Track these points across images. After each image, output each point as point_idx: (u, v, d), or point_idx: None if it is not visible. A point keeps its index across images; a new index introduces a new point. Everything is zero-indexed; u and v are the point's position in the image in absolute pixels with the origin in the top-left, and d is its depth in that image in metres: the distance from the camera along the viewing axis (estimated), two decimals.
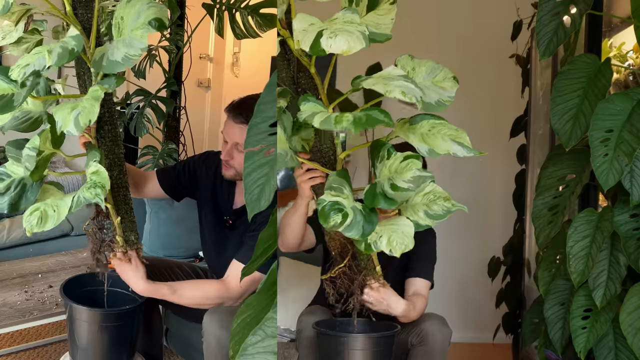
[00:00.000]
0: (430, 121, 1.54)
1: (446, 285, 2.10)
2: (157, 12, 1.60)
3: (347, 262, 1.72)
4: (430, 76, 1.56)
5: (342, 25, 1.40)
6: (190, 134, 3.54)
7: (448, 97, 1.56)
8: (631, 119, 1.71)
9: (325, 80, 1.60)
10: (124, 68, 1.63)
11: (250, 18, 3.03)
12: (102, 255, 1.92)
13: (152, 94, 3.25)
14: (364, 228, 1.52)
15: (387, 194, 1.51)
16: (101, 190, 1.62)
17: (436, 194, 1.58)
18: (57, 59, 1.59)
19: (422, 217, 1.59)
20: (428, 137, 1.52)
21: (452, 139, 1.51)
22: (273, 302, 1.20)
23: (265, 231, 1.32)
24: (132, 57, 1.61)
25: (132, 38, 1.61)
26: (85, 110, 1.58)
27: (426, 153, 1.52)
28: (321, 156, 1.72)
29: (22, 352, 2.51)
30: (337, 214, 1.50)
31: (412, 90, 1.41)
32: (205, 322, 1.90)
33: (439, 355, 1.92)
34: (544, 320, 2.02)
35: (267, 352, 1.17)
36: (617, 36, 2.23)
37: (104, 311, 1.94)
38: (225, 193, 2.18)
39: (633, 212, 1.79)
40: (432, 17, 3.61)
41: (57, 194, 1.75)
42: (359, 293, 1.74)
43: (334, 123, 1.39)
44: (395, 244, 1.54)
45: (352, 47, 1.36)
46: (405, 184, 1.49)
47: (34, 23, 1.80)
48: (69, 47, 1.62)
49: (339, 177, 1.58)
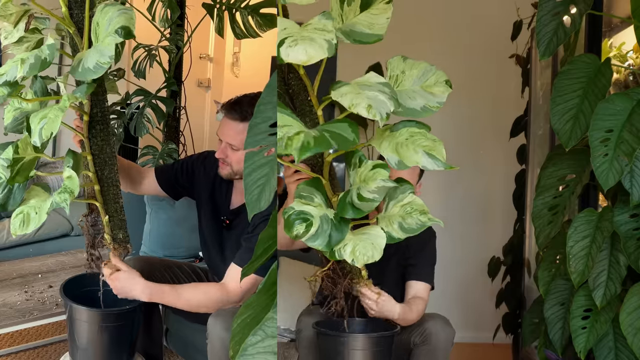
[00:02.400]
0: (410, 129, 1.49)
1: (446, 285, 2.11)
2: (125, 19, 1.61)
3: (330, 265, 1.71)
4: (421, 80, 1.52)
5: (309, 33, 1.35)
6: (190, 134, 3.54)
7: (437, 102, 1.50)
8: (631, 119, 1.71)
9: (315, 82, 1.56)
10: (96, 75, 1.63)
11: (250, 18, 3.03)
12: (96, 250, 1.95)
13: (152, 94, 3.24)
14: (331, 237, 1.48)
15: (354, 204, 1.48)
16: (69, 195, 1.66)
17: (413, 207, 1.53)
18: (29, 70, 1.61)
19: (396, 229, 1.54)
20: (401, 147, 1.46)
21: (425, 151, 1.44)
22: (273, 302, 1.20)
23: (265, 231, 1.32)
24: (102, 64, 1.61)
25: (103, 46, 1.62)
26: (50, 121, 1.60)
27: (395, 165, 1.46)
28: (308, 159, 1.71)
29: (22, 352, 2.51)
30: (301, 224, 1.47)
31: (380, 104, 1.36)
32: (210, 324, 1.90)
33: (442, 354, 1.92)
34: (544, 320, 2.02)
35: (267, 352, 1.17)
36: (617, 36, 2.23)
37: (104, 311, 1.93)
38: (223, 193, 2.18)
39: (633, 212, 1.79)
40: (432, 17, 3.61)
41: (42, 195, 1.79)
42: (342, 297, 1.73)
43: (285, 146, 1.33)
44: (359, 254, 1.49)
45: (312, 56, 1.31)
46: (370, 194, 1.45)
47: (36, 21, 1.80)
48: (42, 56, 1.63)
49: (308, 185, 1.54)
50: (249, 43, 4.04)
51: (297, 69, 1.58)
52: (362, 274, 1.72)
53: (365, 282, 1.73)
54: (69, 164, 1.73)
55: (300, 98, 1.67)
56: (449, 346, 1.94)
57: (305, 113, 1.65)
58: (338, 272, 1.72)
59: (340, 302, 1.72)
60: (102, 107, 1.90)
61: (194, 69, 3.54)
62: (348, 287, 1.73)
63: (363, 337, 1.74)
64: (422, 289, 2.04)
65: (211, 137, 4.55)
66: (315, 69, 1.52)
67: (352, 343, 1.72)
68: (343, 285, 1.71)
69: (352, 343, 1.72)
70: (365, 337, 1.74)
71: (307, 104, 1.66)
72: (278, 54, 1.32)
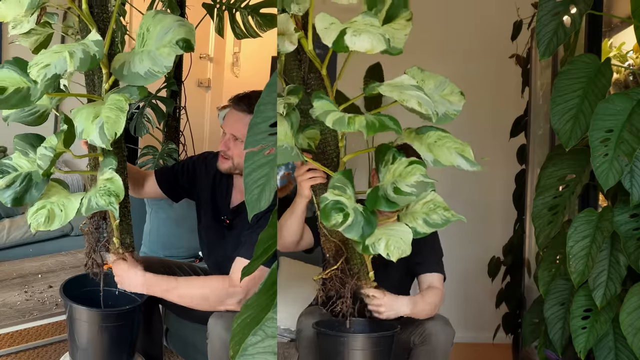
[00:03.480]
0: (437, 133, 1.57)
1: (446, 285, 2.10)
2: (186, 32, 1.56)
3: (340, 264, 1.72)
4: (438, 90, 1.59)
5: (363, 27, 1.41)
6: (190, 134, 3.54)
7: (454, 110, 1.59)
8: (631, 119, 1.71)
9: (335, 83, 1.61)
10: (146, 83, 1.57)
11: (250, 18, 3.03)
12: (98, 255, 1.92)
13: (152, 94, 3.24)
14: (364, 229, 1.53)
15: (389, 197, 1.52)
16: (115, 199, 1.60)
17: (436, 204, 1.60)
18: (80, 64, 1.51)
19: (420, 224, 1.60)
20: (434, 147, 1.55)
21: (457, 152, 1.53)
22: (273, 302, 1.20)
23: (265, 231, 1.32)
24: (156, 73, 1.56)
25: (159, 54, 1.56)
26: (111, 121, 1.52)
27: (431, 163, 1.55)
28: (324, 158, 1.72)
29: (22, 352, 2.51)
30: (338, 214, 1.52)
31: (427, 102, 1.44)
32: (211, 324, 1.90)
33: (442, 355, 1.92)
34: (544, 320, 2.02)
35: (267, 352, 1.17)
36: (617, 36, 2.23)
37: (104, 311, 1.93)
38: (223, 192, 2.18)
39: (633, 212, 1.79)
40: (432, 17, 3.61)
41: (62, 192, 1.73)
42: (349, 297, 1.73)
43: (347, 124, 1.41)
44: (393, 248, 1.55)
45: (375, 46, 1.38)
46: (409, 189, 1.50)
47: (46, 16, 1.75)
48: (91, 52, 1.54)
49: (343, 177, 1.59)
50: (249, 43, 4.04)
51: (320, 69, 1.61)
52: (370, 275, 1.73)
53: (370, 284, 1.73)
54: (111, 166, 1.67)
55: None
56: (448, 347, 1.94)
57: None
58: (346, 272, 1.73)
59: (348, 302, 1.72)
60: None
61: (194, 69, 3.54)
62: (355, 288, 1.73)
63: (363, 337, 1.74)
64: (435, 278, 2.04)
65: (211, 137, 4.55)
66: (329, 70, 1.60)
67: (352, 343, 1.72)
68: (351, 285, 1.72)
69: (352, 343, 1.72)
70: (365, 337, 1.74)
71: None
72: (340, 41, 1.38)
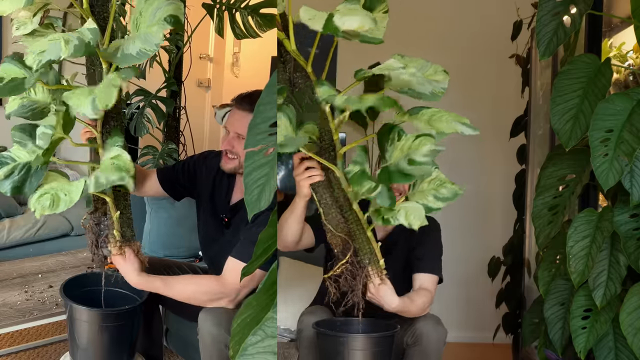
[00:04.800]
0: (430, 110, 1.59)
1: (446, 285, 2.10)
2: (174, 9, 1.60)
3: (349, 257, 1.72)
4: (421, 71, 1.61)
5: (349, 10, 1.46)
6: (190, 134, 3.55)
7: (441, 88, 1.61)
8: (631, 119, 1.71)
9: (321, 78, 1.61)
10: (138, 61, 1.62)
11: (250, 18, 3.03)
12: (100, 249, 1.93)
13: (152, 94, 3.25)
14: (390, 199, 1.60)
15: (404, 171, 1.56)
16: (126, 173, 1.64)
17: (442, 180, 1.67)
18: (73, 51, 1.55)
19: (431, 200, 1.66)
20: (433, 122, 1.57)
21: (456, 121, 1.56)
22: (273, 302, 1.20)
23: (265, 231, 1.32)
24: (147, 51, 1.60)
25: (148, 33, 1.61)
26: (102, 94, 1.54)
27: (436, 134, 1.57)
28: (321, 153, 1.73)
29: (22, 352, 2.51)
30: (368, 181, 1.59)
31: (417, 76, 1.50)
32: (201, 320, 1.90)
33: (434, 355, 1.92)
34: (544, 320, 2.02)
35: (267, 352, 1.17)
36: (617, 36, 2.23)
37: (104, 311, 1.94)
38: (224, 191, 2.18)
39: (633, 212, 1.79)
40: (432, 17, 3.61)
41: (62, 179, 1.75)
42: (361, 288, 1.73)
43: (360, 101, 1.44)
44: (413, 217, 1.62)
45: (365, 23, 1.41)
46: (424, 158, 1.54)
47: (49, 19, 1.77)
48: (86, 39, 1.59)
49: (362, 152, 1.64)
50: (249, 43, 4.04)
51: (305, 67, 1.63)
52: (380, 264, 1.73)
53: (380, 270, 1.73)
54: (118, 143, 1.71)
55: (307, 97, 1.70)
56: (440, 346, 1.94)
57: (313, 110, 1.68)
58: (356, 265, 1.73)
59: (358, 293, 1.73)
60: (117, 104, 1.83)
61: (194, 69, 3.54)
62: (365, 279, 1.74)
63: (363, 337, 1.74)
64: (428, 280, 2.03)
65: (211, 137, 4.55)
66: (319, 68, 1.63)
67: (352, 343, 1.72)
68: (362, 277, 1.72)
69: (352, 343, 1.72)
70: (365, 337, 1.74)
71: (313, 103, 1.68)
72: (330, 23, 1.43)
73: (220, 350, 1.88)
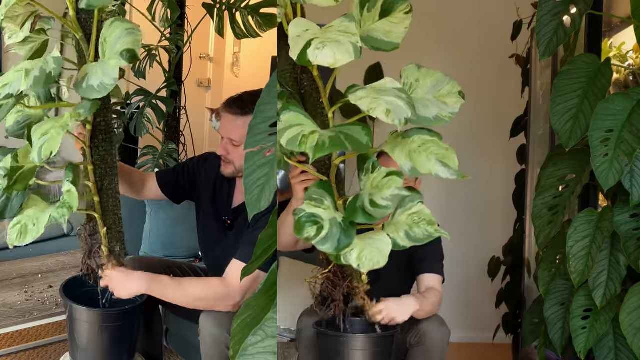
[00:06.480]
0: (423, 137, 1.49)
1: (446, 285, 2.10)
2: (130, 41, 1.56)
3: (331, 268, 1.71)
4: (435, 89, 1.52)
5: (334, 35, 1.36)
6: (191, 134, 3.54)
7: (449, 112, 1.51)
8: (631, 119, 1.71)
9: (328, 84, 1.57)
10: (99, 95, 1.57)
11: (251, 18, 3.03)
12: (92, 261, 1.92)
13: (152, 94, 3.25)
14: (340, 242, 1.46)
15: (366, 210, 1.45)
16: (67, 211, 1.66)
17: (421, 217, 1.53)
18: (33, 83, 1.56)
19: (402, 237, 1.52)
20: (414, 154, 1.47)
21: (438, 159, 1.46)
22: (273, 302, 1.20)
23: (265, 231, 1.32)
24: (106, 86, 1.56)
25: (107, 66, 1.58)
26: (51, 139, 1.57)
27: (408, 171, 1.47)
28: (317, 161, 1.71)
29: (22, 352, 2.51)
30: (312, 227, 1.45)
31: (399, 109, 1.36)
32: (202, 321, 1.90)
33: (438, 355, 1.92)
34: (544, 320, 2.02)
35: (267, 352, 1.17)
36: (617, 36, 2.23)
37: (104, 311, 1.93)
38: (225, 193, 2.18)
39: (633, 212, 1.79)
40: (433, 17, 3.61)
41: (40, 204, 1.79)
42: (340, 299, 1.73)
43: (299, 144, 1.34)
44: (365, 259, 1.47)
45: (339, 59, 1.32)
46: (384, 202, 1.43)
47: (41, 21, 1.76)
48: (47, 70, 1.58)
49: (319, 188, 1.53)
50: (249, 43, 4.04)
51: (311, 70, 1.57)
52: (363, 278, 1.72)
53: (364, 286, 1.72)
54: (68, 178, 1.71)
55: (312, 99, 1.68)
56: (444, 346, 1.94)
57: (317, 115, 1.65)
58: (339, 275, 1.72)
59: (340, 304, 1.72)
60: (106, 117, 1.86)
61: (194, 69, 3.54)
62: (348, 290, 1.73)
63: (363, 337, 1.74)
64: (434, 279, 2.04)
65: (211, 137, 4.55)
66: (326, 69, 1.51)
67: (352, 343, 1.72)
68: (342, 288, 1.71)
69: (352, 343, 1.72)
70: (365, 337, 1.74)
71: (318, 106, 1.66)
72: (303, 55, 1.34)
73: (222, 352, 1.88)
